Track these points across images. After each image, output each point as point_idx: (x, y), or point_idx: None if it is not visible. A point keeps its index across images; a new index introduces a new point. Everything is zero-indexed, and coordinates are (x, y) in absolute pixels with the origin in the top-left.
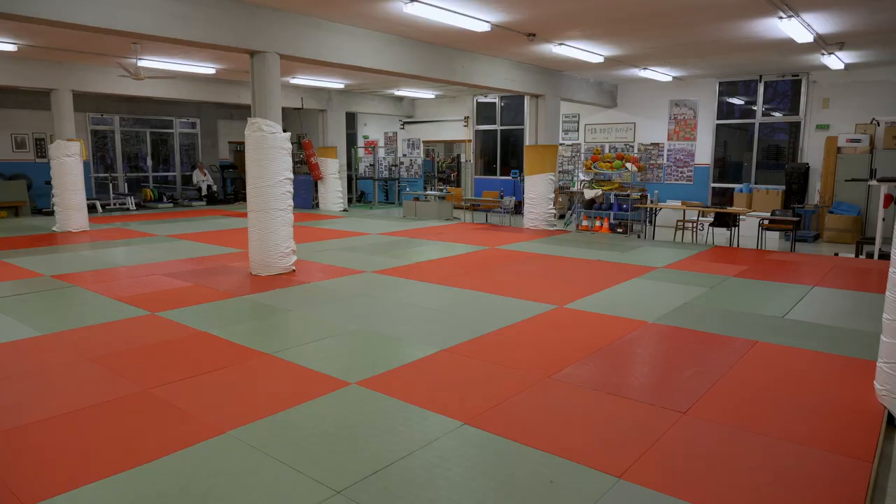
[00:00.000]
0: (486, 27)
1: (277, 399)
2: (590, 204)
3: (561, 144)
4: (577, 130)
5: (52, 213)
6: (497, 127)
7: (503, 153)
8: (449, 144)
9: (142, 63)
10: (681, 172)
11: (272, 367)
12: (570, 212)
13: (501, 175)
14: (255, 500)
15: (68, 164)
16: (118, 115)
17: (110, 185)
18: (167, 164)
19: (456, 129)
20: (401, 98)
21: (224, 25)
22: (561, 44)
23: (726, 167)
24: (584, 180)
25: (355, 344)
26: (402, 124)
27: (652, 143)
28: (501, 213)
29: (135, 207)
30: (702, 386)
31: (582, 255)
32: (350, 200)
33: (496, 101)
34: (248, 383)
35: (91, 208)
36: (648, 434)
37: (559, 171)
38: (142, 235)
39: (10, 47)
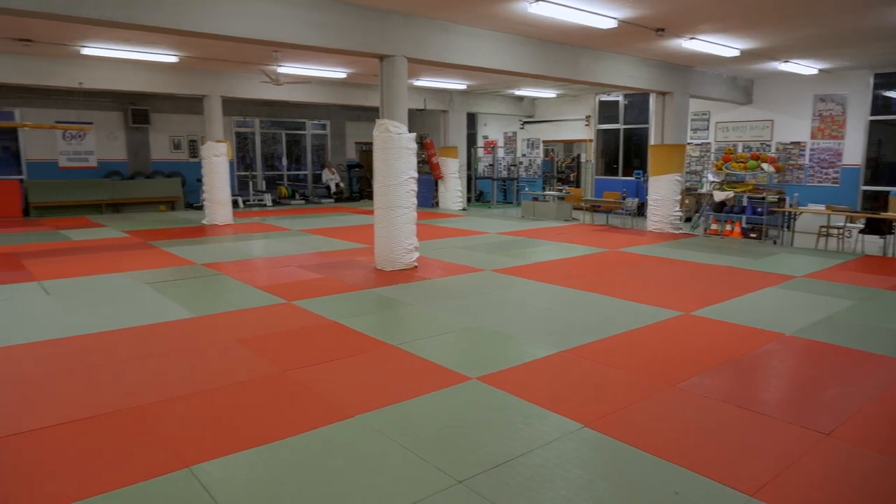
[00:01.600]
0: (612, 24)
1: (402, 388)
2: (720, 207)
3: (688, 144)
4: (707, 129)
5: (201, 208)
6: (620, 126)
7: (626, 153)
8: (569, 144)
9: (281, 70)
10: (825, 174)
11: (396, 357)
12: (697, 214)
13: (623, 175)
14: (380, 482)
15: (216, 164)
16: (258, 118)
17: (250, 182)
18: (300, 163)
19: (577, 128)
20: (521, 98)
21: (357, 32)
22: (692, 38)
23: (880, 168)
24: (713, 181)
25: (475, 340)
26: (522, 124)
27: (792, 142)
28: (623, 215)
29: (271, 204)
30: (848, 407)
31: (711, 261)
32: (469, 200)
33: (619, 99)
34: (375, 372)
35: (234, 204)
36: (785, 453)
37: (686, 172)
38: (277, 229)
39: (173, 59)
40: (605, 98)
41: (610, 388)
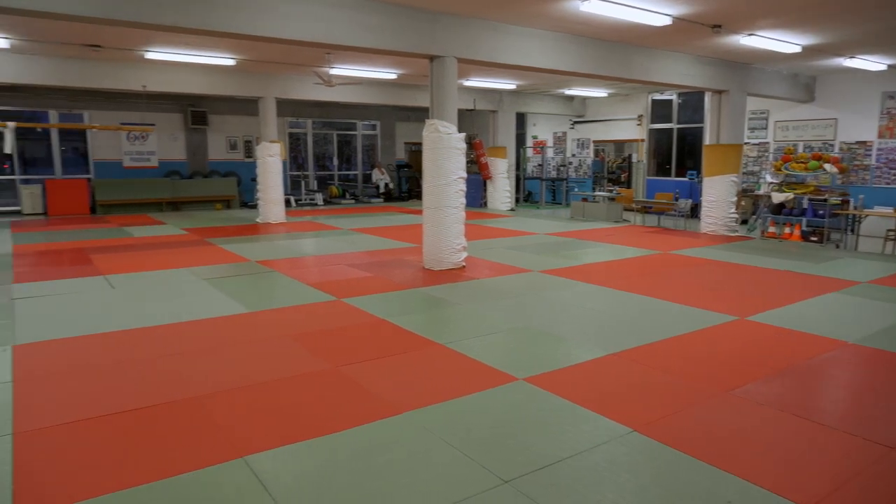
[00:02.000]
0: (666, 21)
1: (449, 387)
2: (778, 209)
3: (745, 143)
4: (766, 128)
5: (256, 207)
6: (673, 125)
7: (679, 153)
8: (620, 144)
9: (333, 71)
10: (894, 175)
11: (444, 356)
12: (754, 217)
13: (676, 176)
14: (427, 479)
15: (270, 164)
16: (311, 119)
17: (302, 182)
18: (350, 163)
19: (628, 128)
20: (571, 97)
21: (407, 33)
22: (750, 34)
23: None
24: (772, 182)
25: (522, 341)
26: (572, 124)
27: (857, 142)
28: (676, 217)
29: (322, 203)
30: None
31: (768, 265)
32: (517, 200)
33: (673, 98)
34: (423, 370)
35: (286, 203)
36: (847, 466)
37: (742, 173)
38: (328, 228)
39: (230, 62)
40: (658, 97)
41: (660, 393)
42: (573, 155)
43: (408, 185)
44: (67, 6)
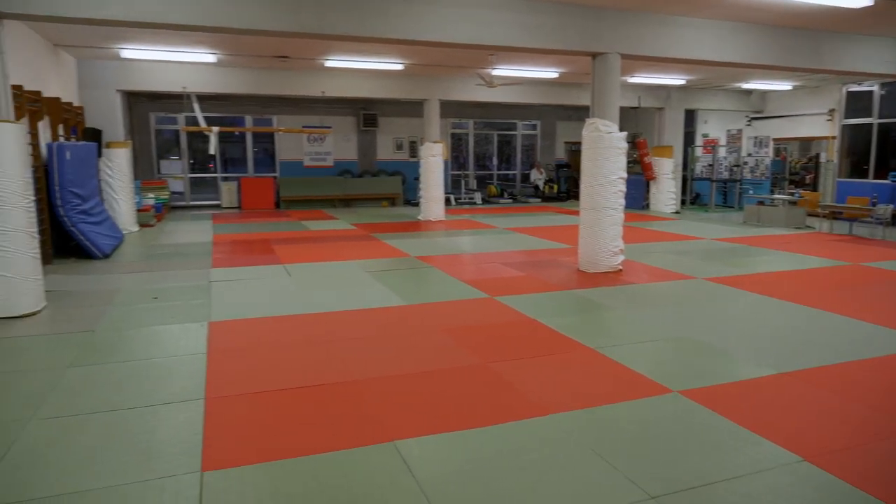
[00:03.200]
0: (867, 1)
1: (598, 393)
2: None
3: None
4: None
5: (418, 205)
6: (873, 120)
7: (879, 152)
8: (805, 142)
9: (494, 72)
10: None
11: (594, 361)
12: None
13: (875, 178)
14: (568, 484)
15: (432, 163)
16: (472, 119)
17: (462, 181)
18: (509, 163)
19: (816, 123)
20: (749, 92)
21: (570, 31)
22: None
23: None
24: None
25: (679, 351)
26: (749, 120)
27: None
28: (872, 224)
29: (480, 202)
30: None
31: None
32: (683, 202)
33: (874, 89)
34: (571, 373)
35: (446, 201)
36: None
37: None
38: (485, 227)
39: (399, 66)
40: (854, 88)
41: (839, 422)
42: (749, 154)
43: (566, 185)
44: (263, 23)
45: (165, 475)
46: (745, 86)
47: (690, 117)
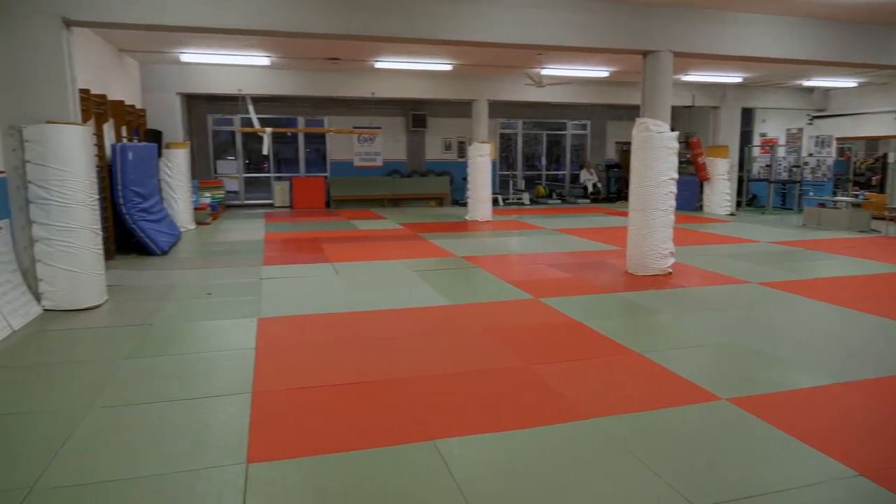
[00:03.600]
0: None
1: (642, 398)
2: None
3: None
4: None
5: (465, 205)
6: None
7: None
8: (872, 141)
9: (544, 72)
10: None
11: (639, 365)
12: None
13: None
14: (607, 490)
15: (480, 163)
16: (521, 119)
17: (510, 181)
18: (558, 163)
19: (884, 122)
20: (810, 89)
21: (620, 29)
22: None
23: None
24: None
25: (729, 357)
26: (811, 119)
27: None
28: None
29: (528, 202)
30: None
31: None
32: (738, 204)
33: None
34: (615, 377)
35: (494, 202)
36: None
37: None
38: (533, 228)
39: (448, 67)
40: None
41: None
42: (810, 154)
43: (616, 186)
44: (313, 26)
45: (213, 465)
46: (807, 83)
47: (748, 116)
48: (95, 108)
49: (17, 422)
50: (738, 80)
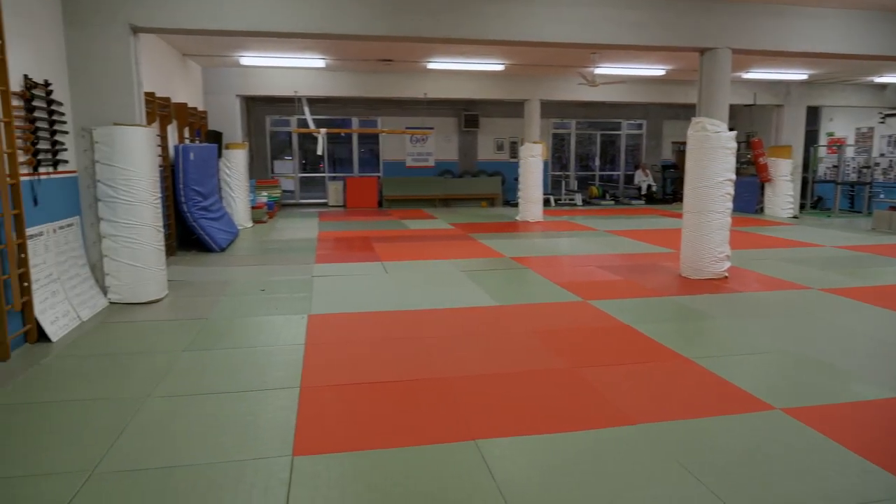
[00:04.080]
0: None
1: (691, 405)
2: None
3: None
4: None
5: (516, 205)
6: None
7: None
8: None
9: (597, 71)
10: None
11: (690, 371)
12: None
13: None
14: (650, 496)
15: (531, 164)
16: (575, 119)
17: (563, 182)
18: (612, 163)
19: None
20: (884, 86)
21: (675, 27)
22: None
23: None
24: None
25: (786, 366)
26: (883, 117)
27: None
28: None
29: (581, 203)
30: None
31: None
32: (802, 206)
33: None
34: (664, 383)
35: (545, 202)
36: None
37: None
38: (584, 229)
39: (500, 67)
40: None
41: None
42: (881, 154)
43: (673, 187)
44: (365, 28)
45: (260, 457)
46: (878, 80)
47: (813, 115)
48: (160, 110)
49: (82, 408)
50: (804, 77)
